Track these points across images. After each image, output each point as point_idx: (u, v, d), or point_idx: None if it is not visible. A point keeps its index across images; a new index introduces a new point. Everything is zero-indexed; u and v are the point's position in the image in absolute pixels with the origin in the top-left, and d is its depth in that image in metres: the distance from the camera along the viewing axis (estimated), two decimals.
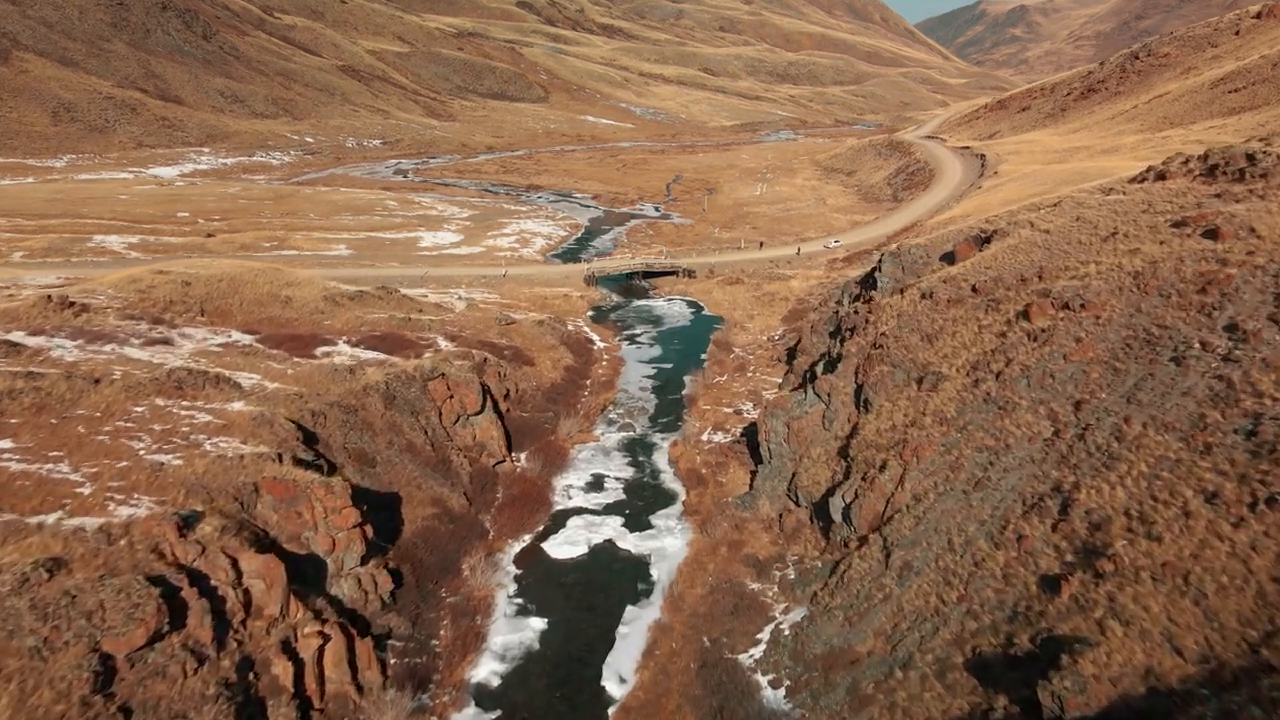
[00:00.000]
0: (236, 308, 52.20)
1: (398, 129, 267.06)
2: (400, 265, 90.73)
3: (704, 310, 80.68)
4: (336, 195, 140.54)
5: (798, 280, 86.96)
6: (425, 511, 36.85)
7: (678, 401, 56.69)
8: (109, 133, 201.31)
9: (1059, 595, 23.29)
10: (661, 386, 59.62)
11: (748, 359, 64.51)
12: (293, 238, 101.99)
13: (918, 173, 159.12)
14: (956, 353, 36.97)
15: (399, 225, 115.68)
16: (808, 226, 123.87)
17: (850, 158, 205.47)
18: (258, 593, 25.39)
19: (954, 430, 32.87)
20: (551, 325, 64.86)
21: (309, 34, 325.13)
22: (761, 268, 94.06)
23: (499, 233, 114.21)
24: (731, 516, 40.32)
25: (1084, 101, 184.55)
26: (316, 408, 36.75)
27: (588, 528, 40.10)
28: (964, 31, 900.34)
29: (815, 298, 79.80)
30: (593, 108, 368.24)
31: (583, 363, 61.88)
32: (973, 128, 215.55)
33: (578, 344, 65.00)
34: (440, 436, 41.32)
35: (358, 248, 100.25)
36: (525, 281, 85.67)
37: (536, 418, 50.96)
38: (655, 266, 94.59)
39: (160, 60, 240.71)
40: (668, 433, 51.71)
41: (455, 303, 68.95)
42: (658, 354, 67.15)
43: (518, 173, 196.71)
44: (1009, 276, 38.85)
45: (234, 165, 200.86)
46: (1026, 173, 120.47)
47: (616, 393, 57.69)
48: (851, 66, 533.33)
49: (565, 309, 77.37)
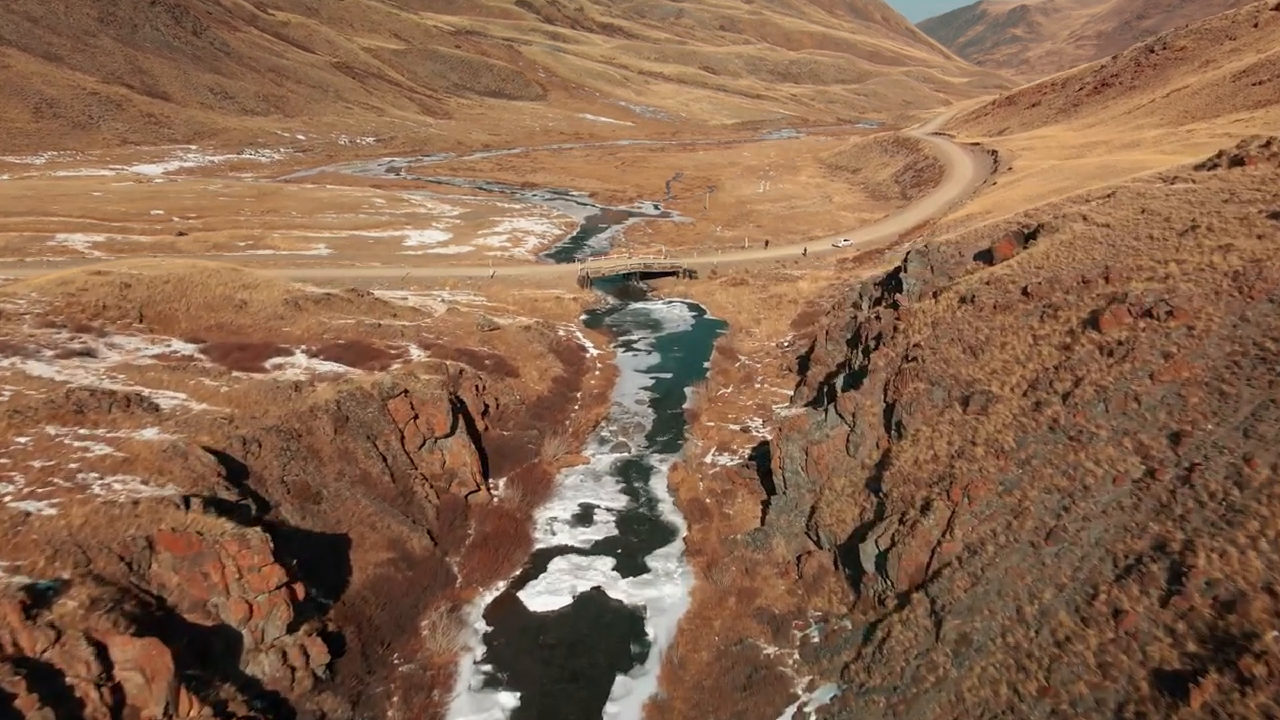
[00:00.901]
0: (182, 313, 46.38)
1: (392, 126, 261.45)
2: (382, 265, 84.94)
3: (706, 314, 74.74)
4: (322, 193, 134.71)
5: (806, 281, 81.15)
6: (379, 556, 31.05)
7: (678, 417, 50.88)
8: (92, 129, 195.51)
9: (1187, 703, 17.48)
10: (660, 399, 53.79)
11: (755, 368, 58.71)
12: (270, 236, 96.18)
13: (927, 169, 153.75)
14: (1008, 368, 31.15)
15: (384, 223, 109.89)
16: (814, 225, 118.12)
17: (855, 155, 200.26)
18: (133, 688, 19.60)
19: (1013, 465, 27.03)
20: (540, 331, 59.04)
21: (303, 30, 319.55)
22: (767, 268, 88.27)
23: (490, 231, 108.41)
24: (741, 558, 34.53)
25: (1097, 96, 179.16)
26: (250, 434, 30.93)
27: (573, 572, 34.27)
28: (964, 31, 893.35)
29: (827, 300, 73.99)
30: (591, 106, 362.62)
31: (573, 373, 56.07)
32: (981, 124, 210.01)
33: (568, 352, 59.19)
34: (402, 464, 35.46)
35: (339, 247, 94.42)
36: (515, 283, 79.87)
37: (519, 437, 45.14)
38: (654, 267, 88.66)
39: (148, 56, 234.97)
40: (667, 453, 45.88)
41: (435, 306, 63.18)
42: (656, 362, 61.29)
43: (513, 170, 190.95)
44: (1067, 278, 33.01)
45: (222, 163, 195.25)
46: (1044, 168, 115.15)
47: (610, 407, 51.88)
48: (853, 65, 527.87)
49: (556, 313, 71.59)
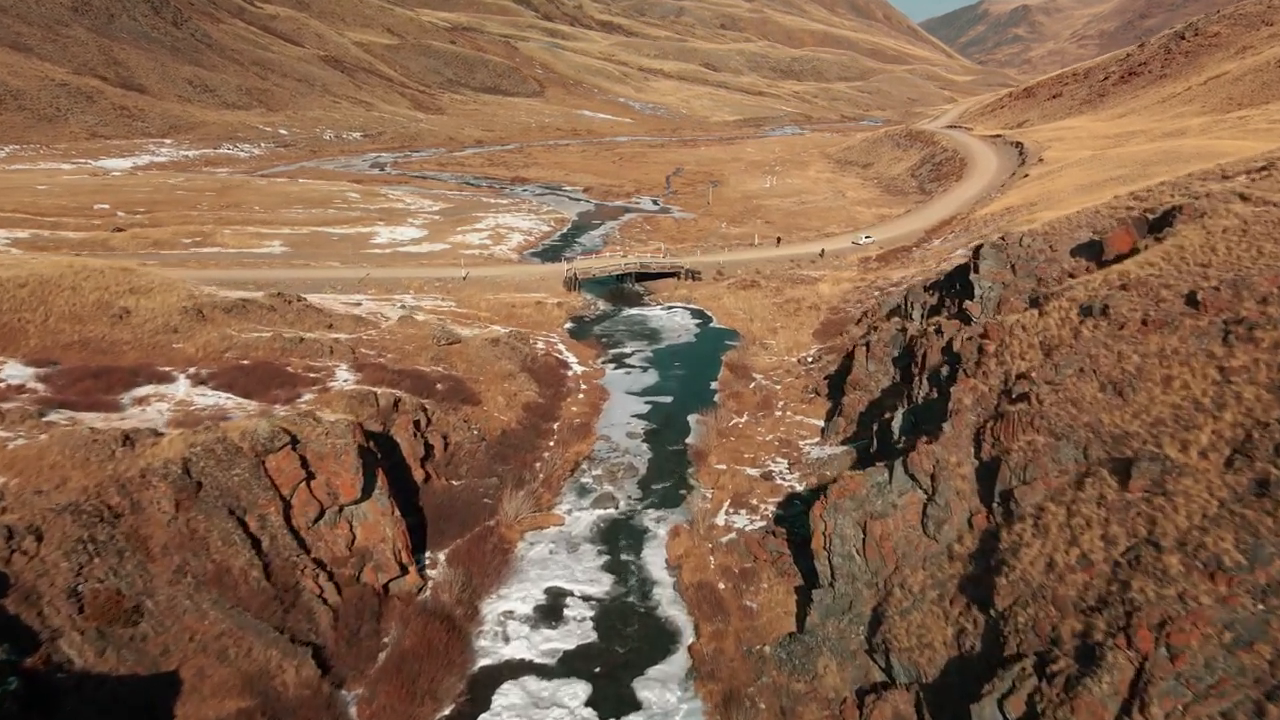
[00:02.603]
0: (36, 325, 35.68)
1: (381, 121, 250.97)
2: (340, 265, 74.08)
3: (713, 322, 63.72)
4: (292, 187, 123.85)
5: (827, 284, 70.30)
6: (224, 708, 20.26)
7: (680, 455, 40.02)
8: (60, 122, 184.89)
9: None
10: (658, 431, 42.95)
11: (774, 390, 47.87)
12: (221, 233, 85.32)
13: (946, 163, 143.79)
14: (1188, 419, 20.37)
15: (354, 219, 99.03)
16: (828, 221, 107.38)
17: (865, 150, 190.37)
18: None
19: (1244, 594, 16.28)
20: (511, 345, 48.14)
21: (291, 24, 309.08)
22: (781, 268, 77.42)
23: (470, 228, 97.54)
24: (772, 687, 23.76)
25: (1125, 85, 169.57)
26: (23, 519, 20.21)
27: (528, 712, 23.47)
28: (965, 31, 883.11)
29: (852, 305, 63.23)
30: (590, 102, 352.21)
31: (551, 397, 45.24)
32: (997, 117, 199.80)
33: (546, 370, 48.33)
34: (284, 549, 24.65)
35: (296, 244, 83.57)
36: (491, 285, 69.03)
37: (472, 489, 34.30)
38: (652, 267, 77.62)
39: (124, 47, 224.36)
40: (666, 509, 35.03)
41: (386, 314, 52.39)
42: (653, 382, 50.40)
43: (504, 165, 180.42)
44: (1262, 282, 22.26)
45: (197, 158, 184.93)
46: (1081, 158, 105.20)
47: (594, 441, 41.04)
48: (856, 62, 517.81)
49: (537, 320, 60.81)
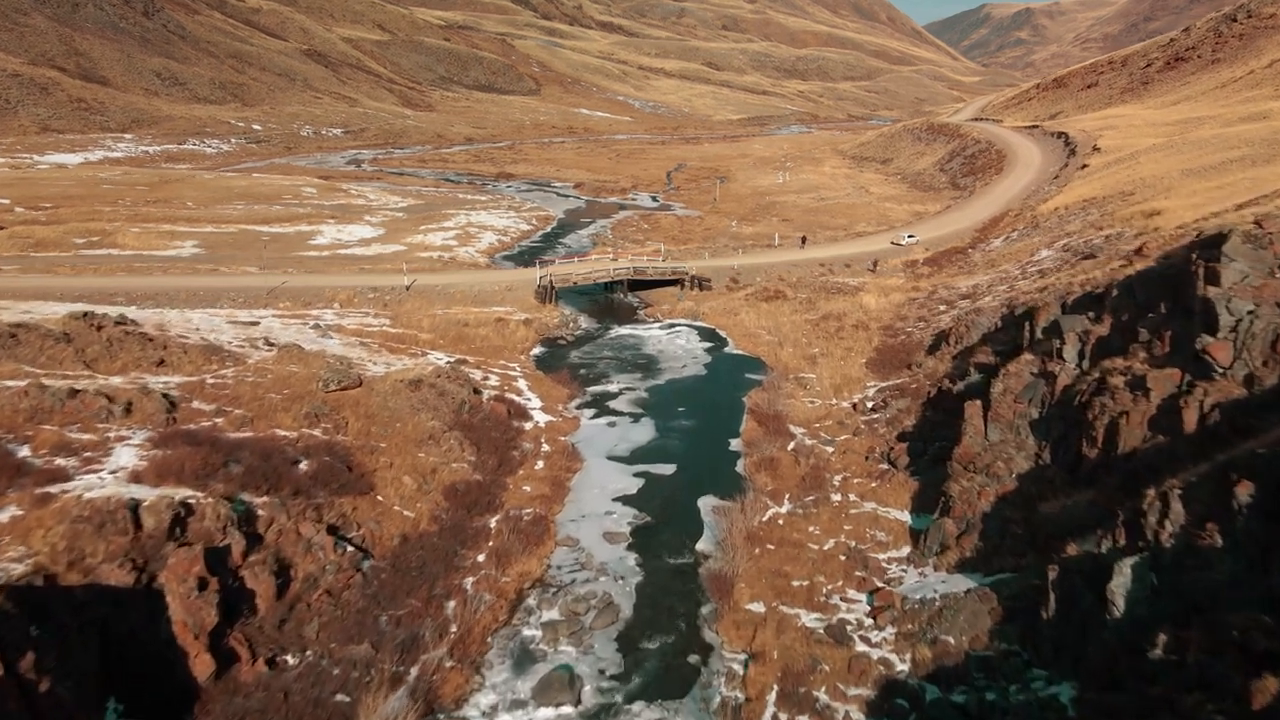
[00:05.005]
0: None
1: (364, 118, 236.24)
2: (258, 271, 58.85)
3: (728, 345, 48.14)
4: (241, 181, 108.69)
5: (871, 294, 55.01)
6: None
7: (687, 578, 24.74)
8: (9, 115, 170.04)
9: None
10: (652, 530, 27.61)
11: (824, 455, 32.62)
12: (126, 231, 70.16)
13: (979, 155, 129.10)
14: None
15: (300, 216, 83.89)
16: (856, 218, 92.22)
17: (882, 145, 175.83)
18: None
19: None
20: (441, 388, 32.84)
21: (275, 18, 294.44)
22: (809, 274, 62.19)
23: (435, 226, 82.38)
24: None
25: (1171, 72, 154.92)
26: None
27: None
28: (968, 35, 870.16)
29: (913, 324, 47.96)
30: (588, 101, 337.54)
31: (493, 470, 29.95)
32: (1025, 109, 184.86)
33: (492, 425, 33.02)
34: None
35: (214, 245, 68.47)
36: (442, 296, 53.76)
37: (318, 675, 19.05)
38: (649, 272, 62.32)
39: (87, 37, 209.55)
40: (663, 706, 19.83)
41: (275, 341, 37.19)
42: (647, 440, 34.91)
43: (490, 162, 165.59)
44: None
45: (157, 153, 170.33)
46: (1153, 144, 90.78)
47: (552, 551, 25.83)
48: (862, 62, 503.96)
49: (494, 344, 45.65)
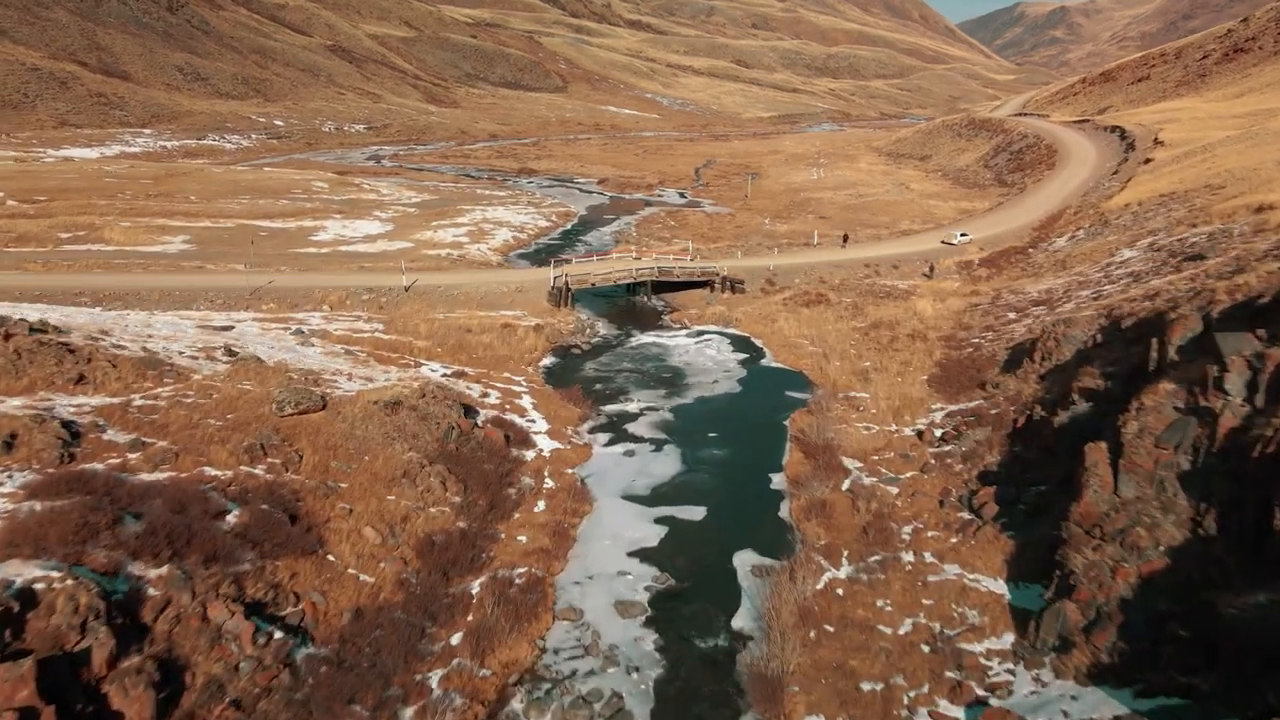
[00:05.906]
0: None
1: (388, 114, 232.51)
2: (245, 270, 53.87)
3: (765, 357, 41.98)
4: (249, 175, 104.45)
5: (926, 299, 48.74)
6: None
7: (723, 670, 18.83)
8: (26, 109, 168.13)
9: None
10: (676, 599, 21.70)
11: (889, 499, 26.51)
12: (115, 226, 65.62)
13: (1028, 150, 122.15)
14: None
15: (305, 211, 79.15)
16: (898, 216, 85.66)
17: (920, 141, 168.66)
18: None
19: None
20: (423, 411, 27.23)
21: (301, 14, 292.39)
22: (854, 275, 55.99)
23: (448, 222, 77.16)
24: None
25: (1230, 64, 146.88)
26: None
27: None
28: (1002, 33, 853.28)
29: (978, 334, 41.67)
30: (615, 98, 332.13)
31: (481, 514, 24.27)
32: (1071, 104, 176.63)
33: (485, 455, 27.33)
34: None
35: (206, 240, 63.71)
36: (444, 298, 48.34)
37: None
38: (675, 273, 56.39)
39: (109, 32, 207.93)
40: None
41: (236, 351, 31.86)
42: (671, 474, 28.97)
43: (513, 158, 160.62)
44: None
45: (176, 149, 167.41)
46: (1227, 136, 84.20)
47: (549, 627, 20.09)
48: (895, 60, 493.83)
49: (499, 353, 40.11)
